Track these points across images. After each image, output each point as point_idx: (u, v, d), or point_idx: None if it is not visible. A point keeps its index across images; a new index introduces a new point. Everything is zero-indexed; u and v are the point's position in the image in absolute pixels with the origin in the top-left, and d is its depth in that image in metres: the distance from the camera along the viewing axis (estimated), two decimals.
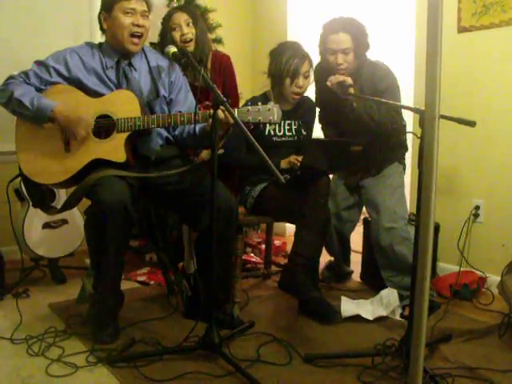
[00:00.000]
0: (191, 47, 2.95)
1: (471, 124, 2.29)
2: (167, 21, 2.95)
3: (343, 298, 2.77)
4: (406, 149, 3.04)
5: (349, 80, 2.70)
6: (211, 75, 3.10)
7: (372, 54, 2.93)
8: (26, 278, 3.13)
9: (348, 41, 2.78)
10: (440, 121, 1.27)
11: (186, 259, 3.07)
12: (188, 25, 2.92)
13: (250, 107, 2.25)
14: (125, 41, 2.47)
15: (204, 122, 2.35)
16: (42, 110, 2.35)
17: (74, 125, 2.35)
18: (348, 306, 2.71)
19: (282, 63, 2.78)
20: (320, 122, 3.19)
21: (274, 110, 2.23)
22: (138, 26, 2.46)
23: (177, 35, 2.89)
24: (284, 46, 2.87)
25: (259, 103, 2.27)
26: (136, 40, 2.48)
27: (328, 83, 2.74)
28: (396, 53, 4.25)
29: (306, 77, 2.84)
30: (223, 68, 3.15)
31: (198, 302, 2.42)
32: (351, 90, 2.70)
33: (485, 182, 3.11)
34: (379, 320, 2.63)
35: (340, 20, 2.81)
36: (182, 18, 2.91)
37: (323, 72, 2.93)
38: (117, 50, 2.53)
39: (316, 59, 2.95)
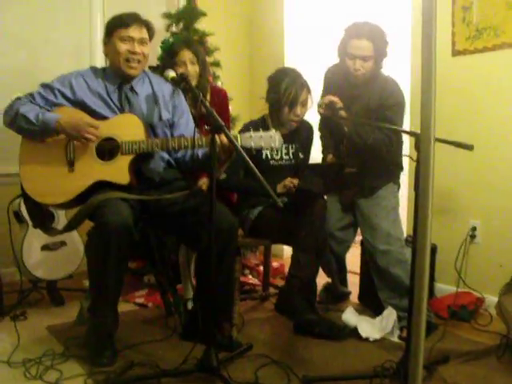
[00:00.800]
0: (193, 83, 3.00)
1: (469, 148, 2.30)
2: (172, 55, 3.01)
3: (350, 308, 2.86)
4: (401, 169, 3.05)
5: (339, 103, 2.72)
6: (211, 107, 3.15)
7: None
8: (24, 300, 3.11)
9: (370, 49, 2.74)
10: (437, 143, 1.29)
11: (183, 284, 3.07)
12: (192, 63, 2.99)
13: (252, 133, 2.28)
14: (121, 65, 2.52)
15: (208, 147, 2.36)
16: (47, 122, 2.39)
17: (82, 130, 2.37)
18: (350, 316, 2.79)
19: (281, 91, 2.79)
20: (320, 130, 3.17)
21: (275, 138, 2.27)
22: (134, 53, 2.51)
23: (181, 71, 2.94)
24: (282, 73, 2.88)
25: (261, 130, 2.30)
26: (133, 64, 2.53)
27: (320, 110, 2.75)
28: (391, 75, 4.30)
29: (304, 105, 2.85)
30: (220, 101, 3.22)
31: (197, 324, 2.42)
32: (342, 113, 2.72)
33: (482, 203, 3.13)
34: (377, 341, 2.63)
35: (365, 26, 2.76)
36: (187, 56, 2.98)
37: (336, 75, 2.95)
38: (118, 75, 2.57)
39: (312, 85, 2.96)
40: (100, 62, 3.78)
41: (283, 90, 2.79)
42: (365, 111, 2.83)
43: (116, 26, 2.51)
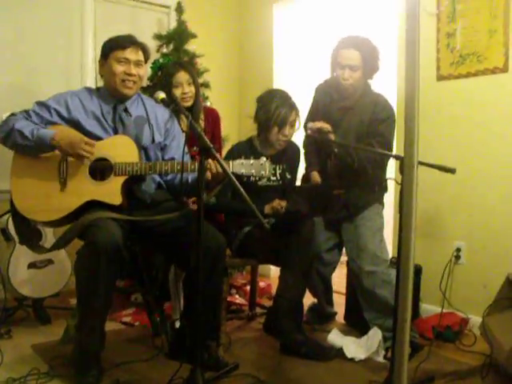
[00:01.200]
0: (190, 103, 3.07)
1: (452, 171, 2.35)
2: (169, 76, 3.06)
3: (335, 329, 2.90)
4: (386, 190, 3.08)
5: (327, 127, 2.75)
6: (205, 126, 3.21)
7: None
8: (9, 319, 3.10)
9: (357, 58, 2.81)
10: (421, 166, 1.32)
11: (172, 303, 3.07)
12: (189, 84, 3.06)
13: (244, 160, 2.33)
14: (117, 86, 2.56)
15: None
16: (42, 138, 2.40)
17: (77, 146, 2.38)
18: (335, 337, 2.81)
19: (271, 111, 2.83)
20: (305, 147, 3.20)
21: (265, 166, 2.31)
22: (130, 74, 2.55)
23: (178, 92, 3.02)
24: (272, 94, 2.93)
25: (252, 157, 2.33)
26: (129, 84, 2.56)
27: (308, 131, 2.80)
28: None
29: (292, 125, 2.89)
30: (214, 120, 3.31)
31: (183, 343, 2.42)
32: (331, 137, 2.76)
33: (466, 225, 3.18)
34: (362, 361, 2.65)
35: (355, 38, 2.86)
36: (184, 78, 3.04)
37: (327, 88, 3.00)
38: (113, 95, 2.60)
39: (301, 105, 3.01)
40: (90, 82, 3.82)
41: (273, 109, 2.83)
42: (357, 125, 2.89)
43: (113, 47, 2.55)
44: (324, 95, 3.05)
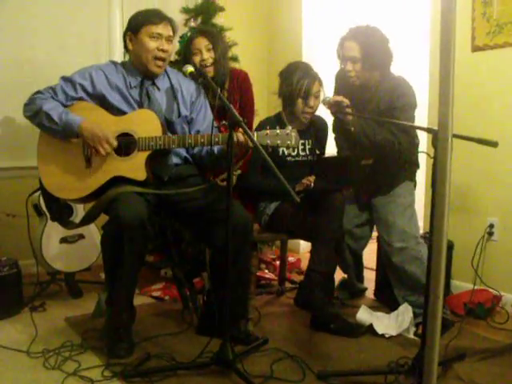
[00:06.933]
0: (211, 71, 3.00)
1: (494, 145, 2.27)
2: (188, 44, 3.01)
3: (363, 307, 2.86)
4: (417, 166, 3.03)
5: (346, 101, 2.70)
6: (228, 93, 3.15)
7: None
8: (43, 292, 3.17)
9: (355, 50, 2.75)
10: (454, 139, 1.28)
11: (207, 275, 3.08)
12: (208, 50, 2.98)
13: (268, 131, 2.28)
14: (149, 63, 2.54)
15: (224, 144, 2.36)
16: (69, 124, 2.41)
17: (99, 141, 2.39)
18: (364, 315, 2.78)
19: (293, 84, 2.80)
20: (334, 131, 3.15)
21: (292, 135, 2.26)
22: (163, 50, 2.53)
23: (197, 59, 2.96)
24: (294, 67, 2.89)
25: (277, 127, 2.29)
26: (160, 63, 2.55)
27: (325, 105, 2.75)
28: (410, 71, 4.28)
29: (317, 97, 2.85)
30: (240, 83, 3.21)
31: (213, 318, 2.44)
32: (348, 111, 2.71)
33: (500, 201, 3.10)
34: (393, 338, 2.63)
35: (357, 28, 2.80)
36: (202, 44, 2.97)
37: (343, 77, 2.95)
38: (141, 70, 2.59)
39: (329, 79, 2.96)
40: (118, 56, 3.81)
41: (296, 82, 2.80)
42: (376, 114, 2.82)
43: (144, 22, 2.51)
44: (344, 85, 2.97)
